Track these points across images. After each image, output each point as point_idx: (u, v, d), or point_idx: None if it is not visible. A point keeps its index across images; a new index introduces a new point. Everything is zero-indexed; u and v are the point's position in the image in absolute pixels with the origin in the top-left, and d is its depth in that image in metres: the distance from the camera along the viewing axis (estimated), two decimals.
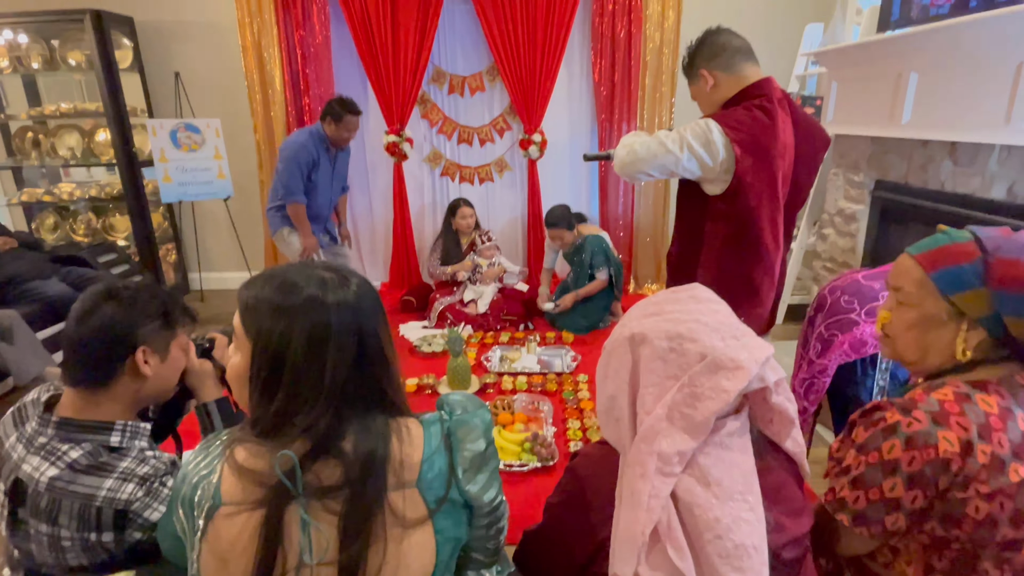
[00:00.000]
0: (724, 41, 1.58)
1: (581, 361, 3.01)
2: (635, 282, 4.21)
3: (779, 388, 0.77)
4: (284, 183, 3.00)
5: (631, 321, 0.80)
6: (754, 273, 1.60)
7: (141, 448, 1.01)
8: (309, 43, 3.75)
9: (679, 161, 1.53)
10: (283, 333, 0.72)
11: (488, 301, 3.59)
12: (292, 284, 0.75)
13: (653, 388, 0.74)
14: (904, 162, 2.45)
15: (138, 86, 3.92)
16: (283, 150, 3.04)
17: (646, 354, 0.75)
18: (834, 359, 1.47)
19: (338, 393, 0.73)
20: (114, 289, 1.00)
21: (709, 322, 0.75)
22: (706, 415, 0.71)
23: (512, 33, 3.70)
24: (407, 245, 4.17)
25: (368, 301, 0.78)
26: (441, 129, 4.11)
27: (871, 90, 2.47)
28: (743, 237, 1.57)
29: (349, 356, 0.74)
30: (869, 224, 2.74)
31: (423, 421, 0.80)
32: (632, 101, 3.84)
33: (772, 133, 1.50)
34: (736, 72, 1.57)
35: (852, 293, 1.50)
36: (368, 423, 0.74)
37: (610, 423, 0.81)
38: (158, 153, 3.69)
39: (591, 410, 2.50)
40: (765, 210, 1.54)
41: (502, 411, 2.41)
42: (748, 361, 0.72)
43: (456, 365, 2.66)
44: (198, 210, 4.25)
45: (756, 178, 1.50)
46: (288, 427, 0.72)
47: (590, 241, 3.41)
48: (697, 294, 0.81)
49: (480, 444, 0.80)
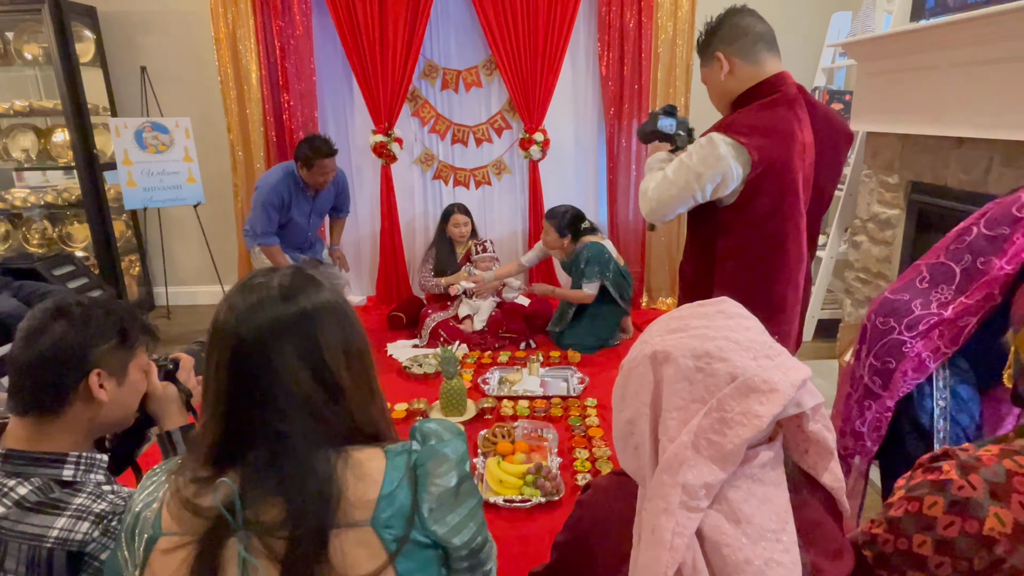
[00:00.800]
0: (747, 24, 1.58)
1: (589, 383, 3.00)
2: (648, 296, 4.21)
3: (816, 415, 0.76)
4: (253, 225, 3.16)
5: (653, 337, 0.78)
6: (777, 287, 1.60)
7: (97, 482, 1.00)
8: (288, 35, 3.79)
9: (696, 194, 1.55)
10: (211, 353, 0.76)
11: (485, 317, 3.58)
12: (231, 301, 0.77)
13: (677, 412, 0.73)
14: (942, 162, 2.46)
15: (100, 82, 3.94)
16: (256, 189, 3.19)
17: (669, 374, 0.74)
18: (903, 388, 1.46)
19: (276, 421, 0.73)
20: (65, 306, 0.99)
21: (740, 339, 0.74)
22: (736, 443, 0.69)
23: (511, 23, 3.74)
24: (396, 255, 4.17)
25: (321, 317, 0.78)
26: (433, 128, 4.13)
27: (905, 84, 2.49)
28: (762, 248, 1.57)
29: (287, 380, 0.74)
30: (906, 230, 2.74)
31: (387, 452, 0.79)
32: (643, 97, 3.87)
33: (790, 132, 1.51)
34: (755, 61, 1.57)
35: (886, 313, 1.50)
36: (316, 455, 0.74)
37: (628, 451, 0.79)
38: (121, 155, 3.70)
39: (601, 438, 2.48)
40: (785, 216, 1.54)
41: (501, 440, 2.39)
42: (783, 383, 0.71)
43: (450, 388, 2.64)
44: (165, 218, 4.26)
45: (773, 183, 1.51)
46: (228, 456, 0.74)
47: (587, 248, 3.40)
48: (726, 308, 0.80)
49: (450, 479, 0.78)
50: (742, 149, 1.48)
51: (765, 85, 1.56)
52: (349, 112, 4.13)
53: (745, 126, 1.51)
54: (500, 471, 2.18)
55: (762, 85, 1.56)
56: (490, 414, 2.72)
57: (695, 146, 1.56)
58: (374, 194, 4.17)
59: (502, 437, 2.41)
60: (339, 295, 0.82)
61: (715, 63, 1.60)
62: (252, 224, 3.18)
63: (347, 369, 0.79)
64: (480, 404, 2.74)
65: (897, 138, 2.72)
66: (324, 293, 0.80)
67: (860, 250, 3.03)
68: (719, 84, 1.62)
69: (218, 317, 0.77)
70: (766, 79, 1.56)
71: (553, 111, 3.99)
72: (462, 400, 2.67)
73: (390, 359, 3.37)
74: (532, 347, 3.51)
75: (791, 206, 1.54)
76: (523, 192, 4.22)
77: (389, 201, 4.08)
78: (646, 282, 4.20)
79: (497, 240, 4.13)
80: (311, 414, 0.75)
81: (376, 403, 0.84)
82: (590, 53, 4.00)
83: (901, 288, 1.51)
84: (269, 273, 0.81)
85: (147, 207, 3.87)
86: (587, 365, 3.24)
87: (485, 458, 2.31)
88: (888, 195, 2.82)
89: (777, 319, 1.62)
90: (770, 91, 1.55)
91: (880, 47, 2.61)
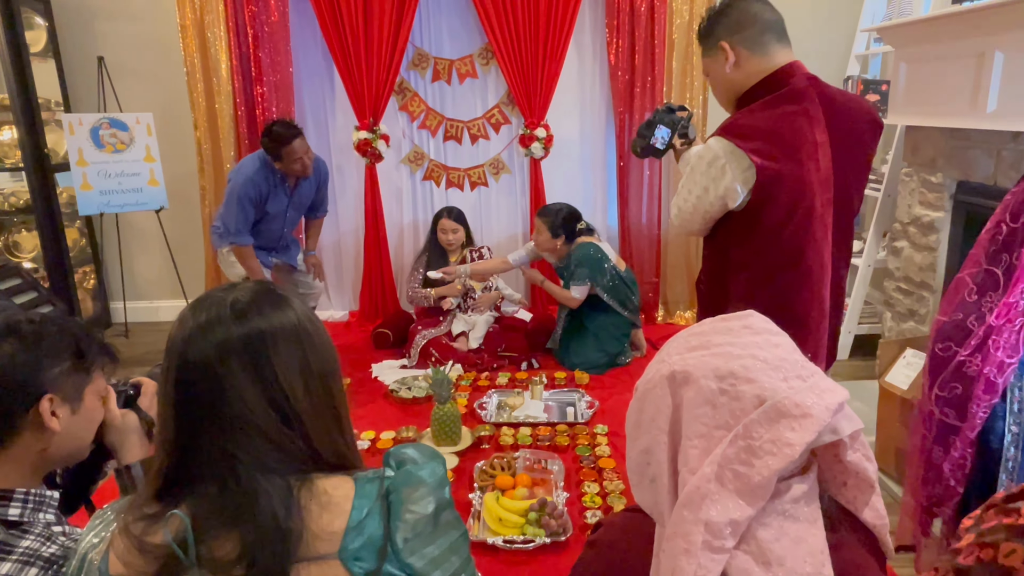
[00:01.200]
0: (756, 11, 1.59)
1: (599, 408, 2.99)
2: (664, 309, 4.22)
3: (856, 442, 0.76)
4: (225, 221, 3.10)
5: (671, 356, 0.79)
6: (797, 301, 1.61)
7: (47, 523, 0.99)
8: (263, 21, 3.82)
9: (711, 206, 1.59)
10: (162, 374, 0.79)
11: (482, 334, 3.58)
12: (183, 317, 0.81)
13: (699, 440, 0.73)
14: (991, 159, 2.47)
15: (53, 74, 3.97)
16: (229, 180, 3.15)
17: (690, 397, 0.74)
18: (979, 413, 1.47)
19: (227, 447, 0.76)
20: (14, 323, 0.99)
21: (768, 358, 0.74)
22: (765, 475, 0.69)
23: (510, 7, 3.78)
24: (381, 265, 4.18)
25: (276, 338, 0.80)
26: (424, 123, 4.16)
27: (948, 72, 2.51)
28: (777, 259, 1.58)
29: (237, 403, 0.76)
30: (951, 235, 2.75)
31: (357, 479, 0.80)
32: (657, 88, 3.90)
33: (797, 132, 1.52)
34: (764, 52, 1.58)
35: (944, 338, 1.51)
36: (271, 483, 0.76)
37: (644, 484, 0.79)
38: (76, 155, 3.72)
39: (613, 470, 2.47)
40: (800, 224, 1.55)
41: (500, 472, 2.38)
42: (817, 407, 0.70)
43: (442, 414, 2.64)
44: (124, 225, 4.27)
45: (782, 189, 1.52)
46: (179, 487, 0.77)
47: (578, 248, 3.42)
48: (752, 323, 0.80)
49: (427, 505, 0.79)
50: (741, 154, 1.50)
51: (773, 79, 1.57)
52: (330, 106, 4.16)
53: (746, 128, 1.52)
54: (499, 508, 2.17)
55: (770, 79, 1.57)
56: (488, 443, 2.71)
57: (697, 153, 1.59)
58: (358, 197, 4.18)
59: (501, 469, 2.40)
60: (303, 315, 0.84)
61: (719, 53, 1.61)
62: (224, 220, 3.12)
63: (306, 394, 0.80)
64: (476, 432, 2.73)
65: (940, 133, 2.73)
66: (285, 312, 0.82)
67: (901, 257, 3.04)
68: (723, 77, 1.64)
69: (171, 334, 0.80)
70: (774, 72, 1.57)
71: (556, 104, 4.02)
72: (456, 427, 2.66)
73: (375, 382, 3.36)
74: (534, 367, 3.50)
75: (806, 213, 1.55)
76: (524, 194, 4.24)
77: (374, 205, 4.09)
78: (662, 294, 4.21)
79: (495, 248, 4.14)
80: (265, 440, 0.77)
81: (340, 431, 0.85)
82: (597, 40, 4.03)
83: (953, 308, 1.53)
84: (228, 289, 0.83)
85: (104, 212, 3.88)
86: (596, 387, 3.23)
87: (482, 493, 2.30)
88: (931, 196, 2.83)
89: (800, 335, 1.62)
90: (779, 85, 1.56)
91: (920, 31, 2.63)
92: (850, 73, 3.77)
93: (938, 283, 2.82)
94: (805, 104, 1.54)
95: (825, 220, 1.60)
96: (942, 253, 2.80)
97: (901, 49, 2.82)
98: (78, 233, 4.24)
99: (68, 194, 4.05)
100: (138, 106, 4.04)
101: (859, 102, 1.70)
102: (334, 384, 0.85)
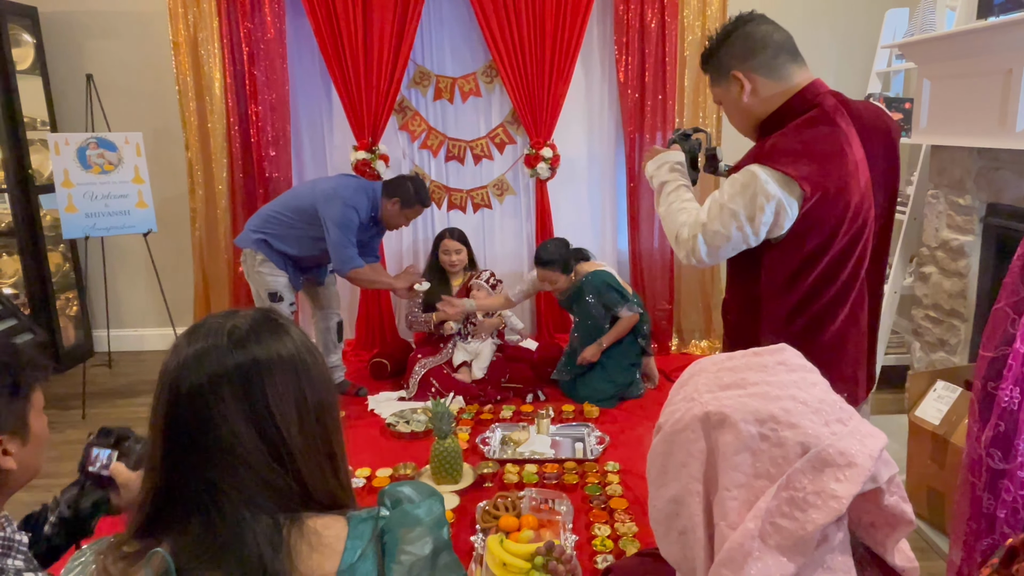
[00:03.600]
0: (764, 34, 1.57)
1: (610, 443, 2.96)
2: (679, 338, 4.19)
3: (891, 485, 0.75)
4: (337, 250, 3.18)
5: (702, 394, 0.77)
6: (833, 326, 1.60)
7: (16, 570, 0.97)
8: (258, 38, 3.88)
9: (751, 239, 1.54)
10: (154, 401, 0.80)
11: (486, 364, 3.56)
12: (178, 344, 0.82)
13: (739, 491, 0.71)
14: (1022, 180, 2.47)
15: (39, 92, 4.02)
16: (330, 204, 3.14)
17: (727, 441, 0.72)
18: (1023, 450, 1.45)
19: (213, 480, 0.76)
20: None
21: (808, 400, 0.72)
22: (810, 530, 0.67)
23: (515, 24, 3.82)
24: (379, 292, 4.17)
25: (273, 368, 0.81)
26: (425, 143, 4.18)
27: (974, 90, 2.52)
28: (815, 284, 1.57)
29: (227, 435, 0.77)
30: (982, 260, 2.74)
31: (350, 518, 0.80)
32: (668, 108, 3.93)
33: (839, 152, 1.52)
34: (781, 76, 1.57)
35: (993, 375, 1.51)
36: (257, 521, 0.76)
37: (671, 536, 0.77)
38: (61, 176, 3.74)
39: (625, 510, 2.44)
40: (843, 248, 1.55)
41: (504, 513, 2.35)
42: (861, 455, 0.69)
43: (443, 449, 2.61)
44: (110, 249, 4.29)
45: (828, 213, 1.51)
46: (163, 524, 0.77)
47: (589, 280, 3.41)
48: (787, 359, 0.79)
49: (424, 546, 0.79)
50: (791, 182, 1.47)
51: (798, 100, 1.56)
52: (327, 125, 4.20)
53: (789, 153, 1.50)
54: (503, 552, 2.13)
55: (795, 101, 1.56)
56: (491, 481, 2.68)
57: (733, 184, 1.55)
58: None
59: (505, 510, 2.37)
60: (302, 345, 0.85)
61: (733, 83, 1.60)
62: (335, 250, 3.16)
63: (299, 427, 0.81)
64: (479, 469, 2.70)
65: (967, 152, 2.73)
66: (283, 342, 0.83)
67: (929, 283, 3.02)
68: (739, 106, 1.62)
69: (164, 361, 0.82)
70: (798, 92, 1.57)
71: (563, 123, 4.05)
72: (457, 464, 2.64)
73: (371, 415, 3.33)
74: (541, 400, 3.47)
75: (848, 236, 1.55)
76: (529, 217, 4.25)
77: None
78: (676, 322, 4.19)
79: (499, 273, 4.13)
80: (254, 475, 0.77)
81: (334, 470, 0.85)
82: (606, 57, 4.08)
83: (996, 343, 1.51)
84: (228, 316, 0.84)
85: (89, 236, 3.88)
86: (606, 421, 3.20)
87: (485, 535, 2.27)
88: (959, 219, 2.82)
89: (836, 358, 1.61)
90: (805, 106, 1.55)
91: (943, 48, 2.65)
92: (871, 90, 3.79)
93: (969, 311, 2.79)
94: (840, 122, 1.54)
95: (865, 240, 1.60)
96: (972, 279, 2.78)
97: (924, 66, 2.84)
98: (61, 257, 4.26)
99: (52, 216, 4.07)
100: (127, 125, 4.08)
101: (879, 112, 1.70)
102: (329, 419, 0.85)
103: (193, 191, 4.04)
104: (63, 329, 4.15)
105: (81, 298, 4.32)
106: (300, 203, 3.22)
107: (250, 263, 3.26)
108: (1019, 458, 1.44)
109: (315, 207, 3.16)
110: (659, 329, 4.14)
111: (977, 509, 1.55)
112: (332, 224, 3.13)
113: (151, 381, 0.84)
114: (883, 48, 3.78)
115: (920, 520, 2.38)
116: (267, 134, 3.96)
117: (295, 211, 3.21)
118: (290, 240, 3.21)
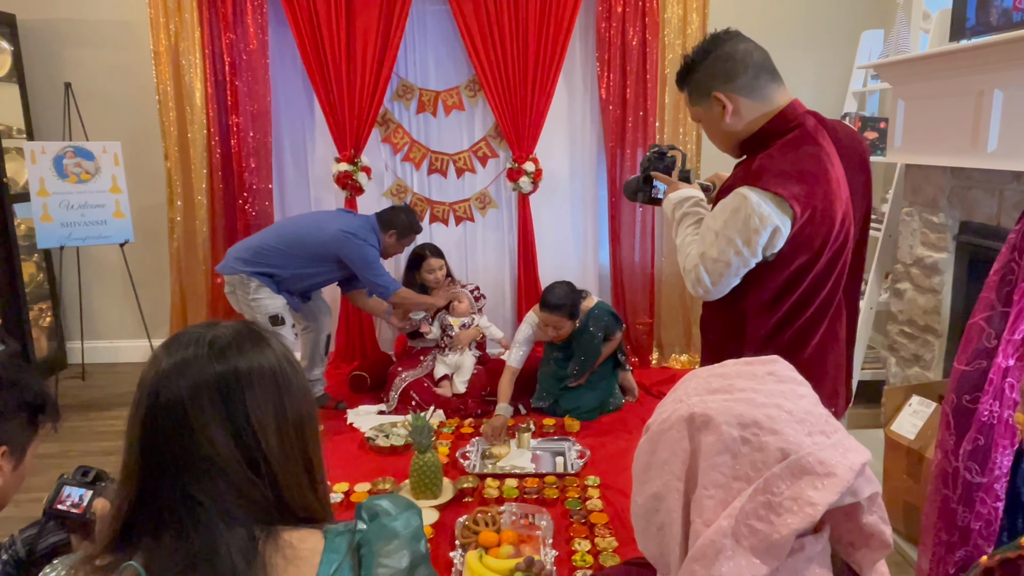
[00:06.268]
0: (742, 55, 1.58)
1: (590, 458, 2.95)
2: (659, 352, 4.21)
3: (872, 504, 0.76)
4: (375, 282, 3.32)
5: (690, 396, 0.78)
6: (814, 339, 1.62)
7: None
8: (240, 49, 3.86)
9: (750, 261, 1.55)
10: (131, 410, 0.80)
11: (467, 377, 3.55)
12: (157, 353, 0.82)
13: (716, 490, 0.72)
14: (994, 199, 2.52)
15: (16, 99, 3.97)
16: (350, 247, 3.24)
17: (709, 442, 0.74)
18: (1002, 464, 1.47)
19: (188, 490, 0.76)
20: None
21: (793, 410, 0.74)
22: (784, 534, 0.68)
23: (498, 39, 3.85)
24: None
25: (253, 379, 0.81)
26: (407, 156, 4.19)
27: (948, 110, 2.57)
28: (800, 298, 1.59)
29: (204, 444, 0.77)
30: (956, 277, 2.79)
31: (327, 531, 0.80)
32: (649, 123, 3.97)
33: (823, 171, 1.54)
34: (763, 97, 1.59)
35: (968, 389, 1.52)
36: (232, 532, 0.75)
37: (650, 531, 0.78)
38: (37, 184, 3.69)
39: (605, 525, 2.44)
40: (826, 264, 1.57)
41: (484, 528, 2.34)
42: (841, 467, 0.70)
43: (422, 464, 2.60)
44: (85, 259, 4.23)
45: (815, 231, 1.53)
46: (136, 535, 0.77)
47: (595, 315, 3.43)
48: (778, 370, 0.80)
49: (401, 559, 0.79)
50: (783, 202, 1.49)
51: (779, 120, 1.58)
52: (309, 137, 4.19)
53: (778, 174, 1.51)
54: (483, 567, 2.13)
55: (776, 121, 1.58)
56: (471, 496, 2.67)
57: (724, 209, 1.55)
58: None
59: (485, 524, 2.36)
60: (282, 356, 0.85)
61: (714, 104, 1.60)
62: (376, 282, 3.31)
63: (278, 439, 0.81)
64: (459, 484, 2.69)
65: (941, 172, 2.79)
66: (264, 353, 0.83)
67: (904, 299, 3.07)
68: (720, 126, 1.63)
69: (143, 371, 0.81)
70: (779, 113, 1.58)
71: (546, 138, 4.07)
72: (437, 478, 2.62)
73: (351, 429, 3.31)
74: (522, 413, 3.46)
75: (831, 252, 1.57)
76: (511, 230, 4.26)
77: None
78: (656, 336, 4.21)
79: (482, 286, 4.13)
80: (230, 486, 0.77)
81: (312, 483, 0.85)
82: (588, 73, 4.12)
83: (971, 355, 1.54)
84: (209, 326, 0.84)
85: (64, 246, 3.83)
86: (587, 435, 3.20)
87: (464, 551, 2.26)
88: (933, 236, 2.87)
89: (817, 374, 1.63)
90: (787, 126, 1.57)
91: (917, 69, 2.71)
92: (847, 110, 3.86)
93: (943, 327, 2.84)
94: (821, 142, 1.56)
95: (846, 256, 1.62)
96: (946, 295, 2.83)
97: (899, 87, 2.90)
98: (35, 267, 4.19)
99: (27, 226, 4.01)
100: (106, 134, 4.04)
101: (851, 131, 1.74)
102: (309, 431, 0.85)
103: (171, 201, 4.01)
104: (35, 340, 4.07)
105: (55, 309, 4.25)
106: (303, 240, 3.26)
107: (242, 293, 3.19)
108: (995, 471, 1.46)
109: (325, 247, 3.24)
110: (640, 343, 4.16)
111: (951, 521, 1.57)
112: (361, 262, 3.27)
113: (125, 393, 0.83)
114: (859, 68, 3.86)
115: (896, 535, 2.40)
116: (248, 145, 3.94)
117: (298, 247, 3.24)
118: (289, 273, 3.24)
